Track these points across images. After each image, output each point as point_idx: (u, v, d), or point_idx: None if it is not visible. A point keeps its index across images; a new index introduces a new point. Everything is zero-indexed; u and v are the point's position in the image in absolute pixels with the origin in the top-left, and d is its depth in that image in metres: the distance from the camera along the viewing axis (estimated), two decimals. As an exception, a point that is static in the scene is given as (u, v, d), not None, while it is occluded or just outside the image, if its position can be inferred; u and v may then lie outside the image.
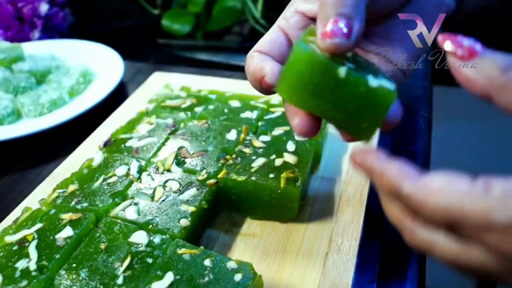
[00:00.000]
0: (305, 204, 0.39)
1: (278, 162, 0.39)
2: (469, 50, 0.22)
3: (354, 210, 0.39)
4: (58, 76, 0.60)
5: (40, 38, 0.71)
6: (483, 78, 0.21)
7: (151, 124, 0.45)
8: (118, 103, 0.56)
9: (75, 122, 0.53)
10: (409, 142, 0.52)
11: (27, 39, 0.70)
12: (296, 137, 0.42)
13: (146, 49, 0.78)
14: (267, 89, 0.29)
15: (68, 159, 0.47)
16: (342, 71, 0.24)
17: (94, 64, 0.64)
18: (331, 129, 0.48)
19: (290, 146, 0.41)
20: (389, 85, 0.25)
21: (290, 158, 0.39)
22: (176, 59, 0.74)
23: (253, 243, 0.36)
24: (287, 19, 0.31)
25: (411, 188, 0.21)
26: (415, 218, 0.22)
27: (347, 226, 0.37)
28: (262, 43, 0.30)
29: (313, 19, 0.30)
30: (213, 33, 0.80)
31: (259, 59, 0.29)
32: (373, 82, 0.25)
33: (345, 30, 0.24)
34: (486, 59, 0.21)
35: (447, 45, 0.23)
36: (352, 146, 0.46)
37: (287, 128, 0.44)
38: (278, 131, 0.43)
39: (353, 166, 0.24)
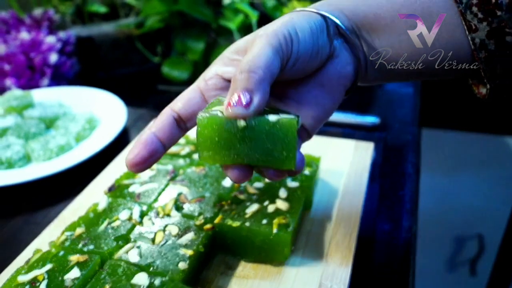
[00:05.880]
0: (296, 248, 0.42)
1: (271, 208, 0.42)
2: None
3: (343, 255, 0.41)
4: (65, 122, 0.64)
5: (49, 85, 0.76)
6: None
7: (152, 170, 0.48)
8: (120, 147, 0.59)
9: (81, 166, 0.57)
10: (398, 187, 0.55)
11: (37, 86, 0.75)
12: (289, 184, 0.45)
13: (146, 95, 0.82)
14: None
15: (74, 202, 0.50)
16: (242, 121, 0.29)
17: (98, 111, 0.68)
18: (321, 175, 0.52)
19: (282, 192, 0.44)
20: (289, 116, 0.29)
21: (282, 205, 0.42)
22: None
23: (246, 285, 0.39)
24: (206, 81, 0.34)
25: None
26: None
27: (336, 270, 0.40)
28: (179, 101, 0.34)
29: (230, 81, 0.33)
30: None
31: (147, 138, 0.32)
32: (273, 117, 0.29)
33: (245, 102, 0.28)
34: None
35: None
36: (341, 191, 0.50)
37: (279, 175, 0.47)
38: (271, 178, 0.46)
39: None
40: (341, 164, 0.54)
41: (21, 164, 0.57)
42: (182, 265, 0.36)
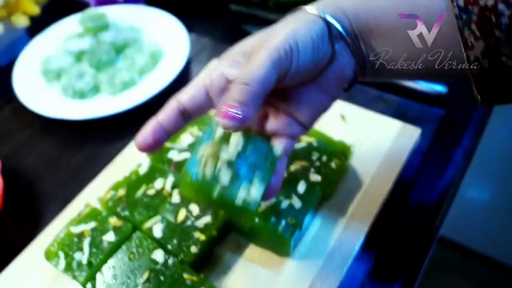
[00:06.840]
0: (302, 243, 0.46)
1: (285, 204, 0.45)
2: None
3: (342, 258, 0.45)
4: (133, 52, 0.68)
5: (125, 2, 0.78)
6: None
7: (193, 136, 0.53)
8: (180, 85, 0.63)
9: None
10: (437, 173, 0.53)
11: (114, 2, 0.78)
12: (311, 177, 0.47)
13: (216, 16, 0.80)
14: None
15: (129, 147, 0.57)
16: (215, 193, 0.33)
17: (163, 39, 0.70)
18: (353, 161, 0.52)
19: (301, 186, 0.46)
20: (256, 193, 0.33)
21: (295, 202, 0.45)
22: (243, 34, 0.77)
23: (250, 268, 0.45)
24: (212, 80, 0.35)
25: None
26: None
27: (330, 274, 0.44)
28: (184, 95, 0.36)
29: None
30: (287, 4, 0.79)
31: (154, 127, 0.35)
32: (239, 199, 0.33)
33: (237, 115, 0.30)
34: None
35: None
36: (367, 183, 0.50)
37: (305, 163, 0.49)
38: (296, 165, 0.48)
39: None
40: (379, 150, 0.53)
41: (91, 95, 0.64)
42: (194, 249, 0.43)
